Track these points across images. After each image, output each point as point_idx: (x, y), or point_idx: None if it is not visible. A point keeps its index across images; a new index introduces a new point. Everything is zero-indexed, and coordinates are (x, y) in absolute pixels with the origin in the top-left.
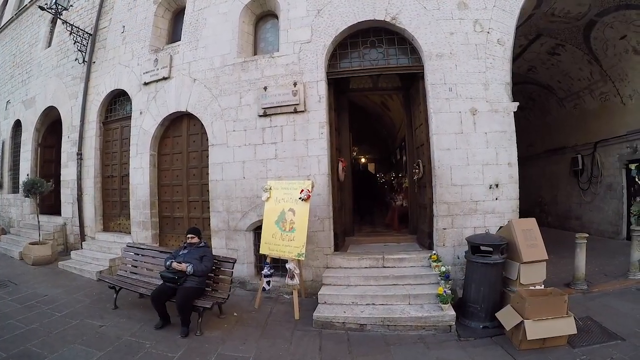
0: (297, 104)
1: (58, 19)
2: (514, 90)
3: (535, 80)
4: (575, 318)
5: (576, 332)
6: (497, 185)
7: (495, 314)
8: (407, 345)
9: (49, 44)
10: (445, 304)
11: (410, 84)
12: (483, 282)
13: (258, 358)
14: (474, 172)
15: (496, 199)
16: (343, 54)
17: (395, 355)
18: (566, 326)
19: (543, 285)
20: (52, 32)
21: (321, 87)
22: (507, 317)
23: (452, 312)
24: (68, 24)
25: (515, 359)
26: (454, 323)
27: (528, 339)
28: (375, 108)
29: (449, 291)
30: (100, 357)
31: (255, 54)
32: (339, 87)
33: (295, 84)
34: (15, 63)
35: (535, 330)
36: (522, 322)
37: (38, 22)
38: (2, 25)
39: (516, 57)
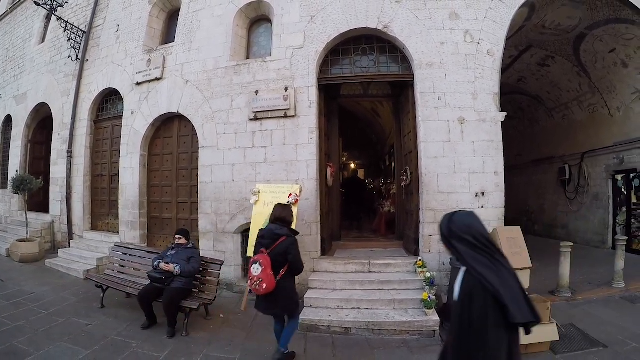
0: (288, 109)
1: (53, 15)
2: (503, 100)
3: (524, 91)
4: (558, 325)
5: (559, 339)
6: (483, 194)
7: None
8: (391, 349)
9: (43, 39)
10: (429, 309)
11: (401, 91)
12: None
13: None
14: (460, 180)
15: (482, 207)
16: (334, 60)
17: (379, 359)
18: (549, 333)
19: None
20: (46, 28)
21: (312, 93)
22: None
23: (436, 318)
24: (62, 21)
25: None
26: (437, 328)
27: None
28: (366, 114)
29: (434, 297)
30: (86, 356)
31: (247, 57)
32: (330, 93)
33: (286, 89)
34: (8, 57)
35: None
36: None
37: (32, 17)
38: None
39: (506, 67)
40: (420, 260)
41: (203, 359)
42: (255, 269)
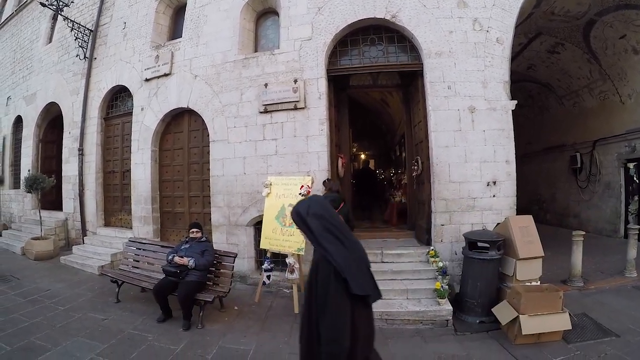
0: (298, 101)
1: (59, 15)
2: (513, 88)
3: (534, 79)
4: (570, 314)
5: (571, 328)
6: (494, 183)
7: (492, 309)
8: (405, 339)
9: (50, 40)
10: (442, 298)
11: (410, 81)
12: (480, 278)
13: (258, 351)
14: (472, 169)
15: (494, 196)
16: (343, 51)
17: (393, 349)
18: (561, 322)
19: (539, 282)
20: (52, 28)
21: (321, 84)
22: (503, 312)
23: (449, 307)
24: (69, 20)
25: (511, 353)
26: (450, 317)
27: (523, 333)
28: (375, 105)
29: (447, 286)
30: (103, 350)
31: (256, 50)
32: (339, 84)
33: (295, 81)
34: (16, 59)
35: (530, 325)
36: (517, 317)
37: (39, 18)
38: (2, 21)
39: (516, 55)
40: (432, 249)
41: (219, 351)
42: None
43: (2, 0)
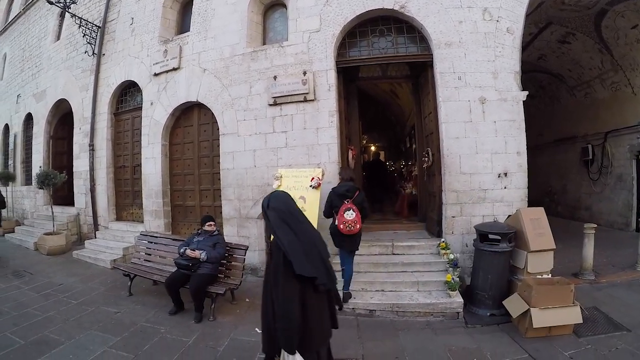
0: (307, 93)
1: (66, 12)
2: (523, 79)
3: (545, 69)
4: (581, 307)
5: (582, 322)
6: (505, 174)
7: (503, 302)
8: (415, 331)
9: (58, 37)
10: (453, 291)
11: (420, 72)
12: (491, 270)
13: None
14: (482, 160)
15: (505, 187)
16: (352, 42)
17: (404, 341)
18: (572, 315)
19: (550, 275)
20: (60, 25)
21: (331, 76)
22: (514, 305)
23: (460, 299)
24: (77, 17)
25: (521, 347)
26: (461, 310)
27: (534, 326)
28: (385, 96)
29: (457, 278)
30: (116, 342)
31: (264, 43)
32: (349, 75)
33: (304, 73)
34: (24, 57)
35: (541, 318)
36: (528, 310)
37: (46, 16)
38: (10, 20)
39: (526, 45)
40: (443, 241)
41: (230, 343)
42: (349, 215)
43: None
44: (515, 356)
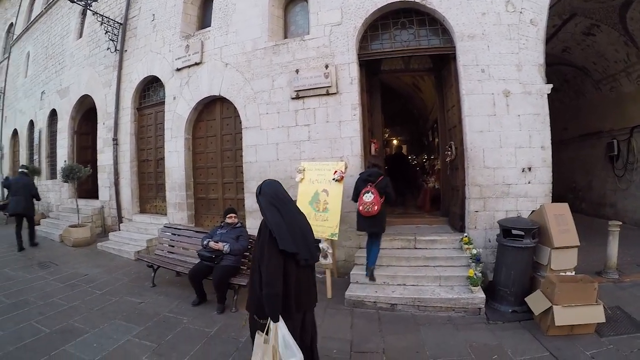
0: (330, 86)
1: (88, 10)
2: (548, 72)
3: (569, 62)
4: (604, 307)
5: (605, 321)
6: (529, 169)
7: (525, 299)
8: (437, 326)
9: (80, 35)
10: (475, 286)
11: (442, 65)
12: (513, 266)
13: None
14: (506, 154)
15: (529, 182)
16: (374, 35)
17: (425, 335)
18: (595, 314)
19: (574, 272)
20: (82, 23)
21: (353, 69)
22: (536, 302)
23: (482, 295)
24: (98, 15)
25: (543, 345)
26: (483, 306)
27: (556, 324)
28: (407, 89)
29: (480, 274)
30: (139, 332)
31: (285, 37)
32: (371, 68)
33: (327, 66)
34: (47, 55)
35: (563, 316)
36: (550, 307)
37: (68, 14)
38: (32, 19)
39: (550, 37)
40: (466, 236)
41: None
42: (368, 197)
43: None
44: (536, 354)
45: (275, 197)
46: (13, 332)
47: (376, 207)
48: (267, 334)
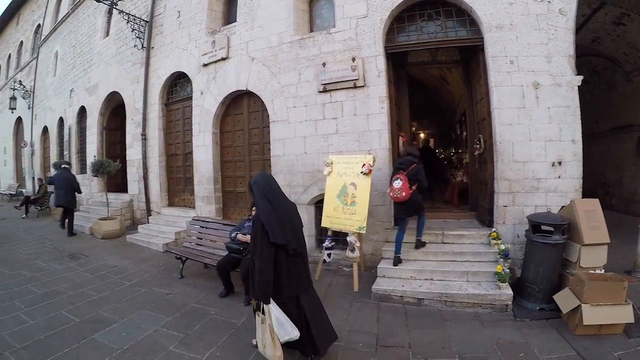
0: (357, 79)
1: (114, 9)
2: (577, 63)
3: (600, 52)
4: (633, 307)
5: (633, 321)
6: (559, 163)
7: (553, 296)
8: (463, 322)
9: (107, 33)
10: (503, 282)
11: (470, 56)
12: (542, 263)
13: None
14: (536, 148)
15: (559, 177)
16: (400, 27)
17: (451, 331)
18: (624, 314)
19: (603, 270)
20: (108, 22)
21: (380, 62)
22: (564, 299)
23: (510, 292)
24: (124, 13)
25: (570, 344)
26: (510, 302)
27: (584, 324)
28: (434, 82)
29: (508, 270)
30: (167, 322)
31: (311, 30)
32: (398, 61)
33: (353, 59)
34: (75, 54)
35: (592, 315)
36: (579, 306)
37: (94, 14)
38: (59, 20)
39: (579, 27)
40: (494, 231)
41: None
42: (397, 183)
43: (57, 0)
44: (563, 353)
45: (267, 188)
46: (44, 321)
47: (404, 194)
48: (263, 314)
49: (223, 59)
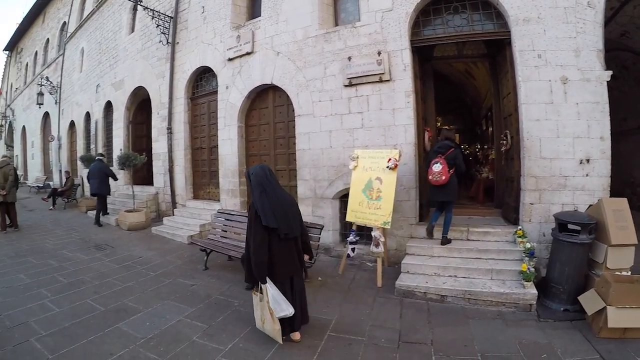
0: (382, 73)
1: (139, 6)
2: (605, 58)
3: (629, 47)
4: None
5: None
6: (587, 161)
7: (578, 297)
8: (486, 320)
9: (132, 29)
10: (527, 281)
11: (497, 50)
12: (568, 263)
13: (341, 321)
14: (564, 145)
15: (586, 175)
16: (426, 21)
17: (474, 329)
18: None
19: (630, 272)
20: (133, 18)
21: (406, 56)
22: (589, 301)
23: (534, 291)
24: (149, 10)
25: (593, 347)
26: (534, 302)
27: (609, 326)
28: (459, 77)
29: (533, 269)
30: (191, 313)
31: (336, 24)
32: (423, 55)
33: (379, 53)
34: (101, 50)
35: (617, 318)
36: (604, 308)
37: (119, 10)
38: (85, 17)
39: (608, 20)
40: (520, 229)
41: None
42: (436, 167)
43: None
44: (586, 356)
45: (264, 177)
46: (69, 309)
47: (444, 177)
48: (261, 293)
49: (248, 53)
